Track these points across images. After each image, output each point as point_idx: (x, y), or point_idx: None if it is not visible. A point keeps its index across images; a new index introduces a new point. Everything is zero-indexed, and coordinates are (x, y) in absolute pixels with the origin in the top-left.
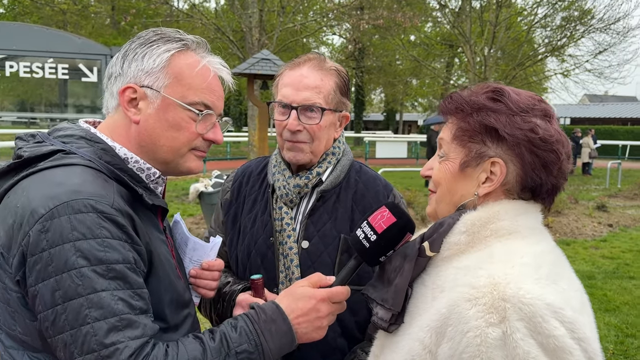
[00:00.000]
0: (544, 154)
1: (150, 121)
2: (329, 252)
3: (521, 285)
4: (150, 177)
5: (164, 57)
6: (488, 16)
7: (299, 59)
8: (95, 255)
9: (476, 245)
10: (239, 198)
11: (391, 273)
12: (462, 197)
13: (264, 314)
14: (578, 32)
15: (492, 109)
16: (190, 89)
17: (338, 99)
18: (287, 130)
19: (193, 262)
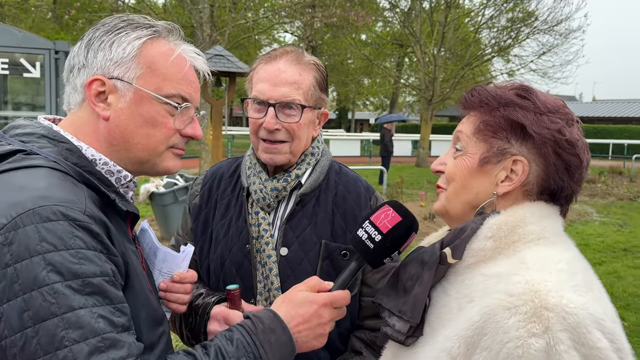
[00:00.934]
0: (568, 157)
1: (122, 117)
2: (309, 259)
3: (562, 294)
4: (120, 181)
5: (135, 45)
6: (437, 16)
7: (275, 52)
8: (70, 269)
9: (503, 251)
10: (209, 202)
11: (407, 281)
12: (478, 194)
13: (262, 323)
14: (523, 34)
15: (520, 105)
16: (166, 80)
17: (317, 95)
18: (264, 129)
19: (163, 274)
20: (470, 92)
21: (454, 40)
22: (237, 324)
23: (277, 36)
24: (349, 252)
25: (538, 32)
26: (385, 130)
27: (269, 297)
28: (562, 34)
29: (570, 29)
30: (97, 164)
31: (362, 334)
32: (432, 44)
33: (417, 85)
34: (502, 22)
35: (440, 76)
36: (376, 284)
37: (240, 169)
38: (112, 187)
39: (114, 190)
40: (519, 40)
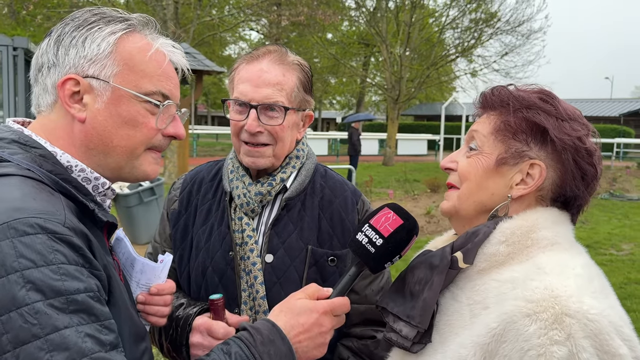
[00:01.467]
0: (586, 166)
1: (100, 118)
2: (295, 266)
3: (583, 299)
4: (97, 189)
5: (110, 40)
6: (403, 17)
7: (257, 51)
8: (51, 286)
9: (517, 257)
10: (189, 208)
11: (414, 285)
12: (492, 196)
13: (260, 334)
14: (486, 34)
15: (542, 108)
16: (145, 77)
17: (301, 97)
18: (246, 132)
19: (141, 286)
20: (490, 91)
21: (419, 40)
22: (234, 336)
23: (243, 34)
24: (336, 258)
25: (501, 32)
26: (353, 129)
27: (253, 306)
28: (524, 35)
29: (531, 29)
30: (73, 171)
31: (350, 342)
32: (398, 44)
33: (384, 85)
34: (465, 23)
35: (406, 76)
36: (364, 290)
37: (221, 173)
38: (89, 196)
39: (91, 199)
40: (482, 41)
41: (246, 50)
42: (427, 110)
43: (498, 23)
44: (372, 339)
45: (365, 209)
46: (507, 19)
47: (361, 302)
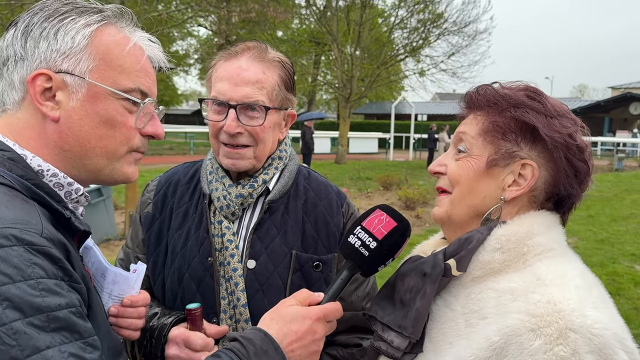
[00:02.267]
0: (578, 163)
1: (75, 117)
2: (279, 271)
3: (586, 312)
4: (70, 195)
5: (85, 33)
6: (353, 16)
7: (236, 48)
8: (30, 303)
9: (513, 264)
10: (163, 211)
11: (405, 293)
12: (485, 199)
13: (252, 345)
14: (433, 35)
15: (531, 107)
16: (123, 73)
17: (283, 96)
18: (225, 133)
19: (113, 297)
20: (475, 92)
21: (369, 39)
22: (225, 347)
23: (191, 30)
24: (321, 263)
25: (448, 33)
26: (305, 127)
27: (234, 314)
28: (470, 36)
29: (477, 30)
30: (45, 176)
31: (335, 351)
32: (349, 43)
33: (335, 83)
34: (413, 23)
35: (357, 75)
36: (349, 296)
37: (198, 174)
38: (62, 203)
39: (64, 206)
40: (429, 41)
41: (195, 47)
42: (377, 109)
43: (445, 24)
44: (358, 347)
45: (350, 211)
46: (454, 20)
47: (347, 308)
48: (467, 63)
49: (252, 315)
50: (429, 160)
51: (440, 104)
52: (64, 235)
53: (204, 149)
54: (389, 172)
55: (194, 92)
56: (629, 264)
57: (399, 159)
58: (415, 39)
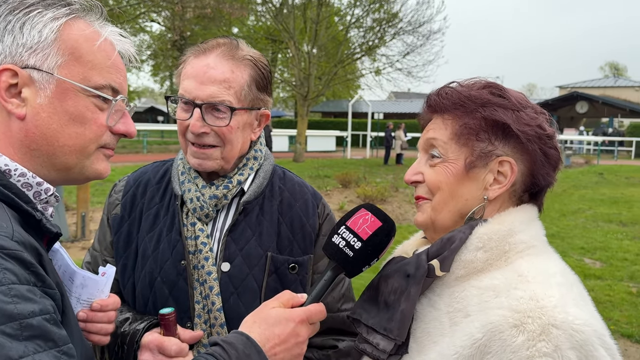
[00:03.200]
0: (550, 151)
1: (43, 114)
2: (254, 274)
3: (568, 309)
4: (40, 195)
5: (53, 27)
6: (310, 14)
7: (206, 44)
8: (2, 310)
9: (495, 263)
10: (132, 213)
11: (389, 295)
12: (467, 202)
13: (234, 349)
14: (389, 34)
15: (497, 104)
16: (94, 69)
17: (254, 95)
18: (190, 132)
19: (82, 302)
20: (438, 95)
21: (326, 38)
22: (206, 352)
23: (144, 25)
24: (297, 265)
25: (403, 33)
26: None
27: (208, 319)
28: (424, 35)
29: (431, 30)
30: (12, 176)
31: (310, 353)
32: (306, 41)
33: (292, 81)
34: (368, 22)
35: (314, 73)
36: (325, 297)
37: (169, 175)
38: (30, 204)
39: (33, 207)
40: (384, 40)
41: (147, 43)
42: (334, 107)
43: (400, 23)
44: (334, 349)
45: (326, 212)
46: (409, 20)
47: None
48: (422, 62)
49: (227, 319)
50: (385, 158)
51: (396, 103)
52: (34, 237)
53: (157, 147)
54: (347, 170)
55: (146, 89)
56: (579, 257)
57: (356, 156)
58: (371, 38)
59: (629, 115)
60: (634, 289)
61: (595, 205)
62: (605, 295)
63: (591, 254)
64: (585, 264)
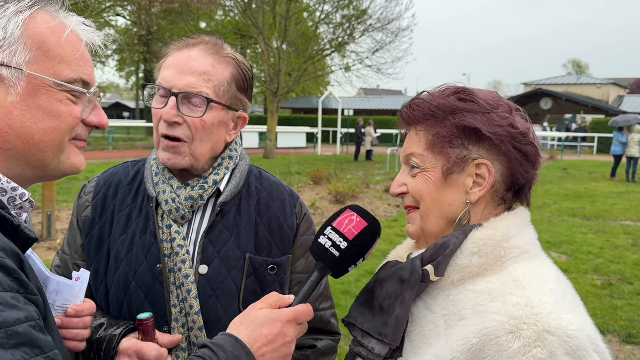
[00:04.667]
0: (526, 148)
1: (16, 113)
2: (233, 276)
3: (562, 316)
4: (14, 201)
5: (17, 21)
6: (280, 9)
7: (191, 40)
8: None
9: (490, 268)
10: (104, 215)
11: (384, 300)
12: (451, 207)
13: (223, 351)
14: (358, 31)
15: (466, 109)
16: (63, 63)
17: (233, 94)
18: (163, 122)
19: (56, 308)
20: (409, 107)
21: (296, 34)
22: (195, 354)
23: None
24: (276, 266)
25: (372, 29)
26: None
27: (186, 322)
28: (394, 33)
29: (400, 27)
30: None
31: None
32: (276, 37)
33: (262, 78)
34: (338, 19)
35: (284, 69)
36: None
37: (141, 175)
38: (5, 210)
39: (9, 213)
40: (354, 37)
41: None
42: (304, 103)
43: (369, 20)
44: (313, 349)
45: (303, 212)
46: (378, 17)
47: None
48: (391, 59)
49: (206, 322)
50: (356, 155)
51: (366, 99)
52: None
53: (123, 144)
54: (318, 166)
55: (111, 85)
56: (545, 251)
57: (326, 153)
58: (341, 34)
59: (591, 111)
60: (599, 281)
61: (560, 200)
62: None
63: (557, 248)
64: (551, 258)
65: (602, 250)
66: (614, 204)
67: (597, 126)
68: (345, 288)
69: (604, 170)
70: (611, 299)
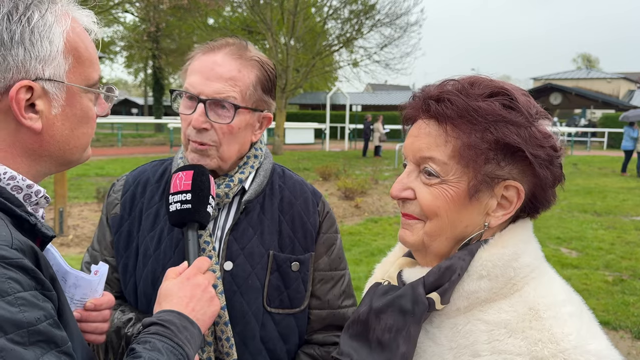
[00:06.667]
0: (556, 171)
1: (58, 124)
2: (257, 273)
3: (587, 348)
4: (30, 198)
5: (58, 32)
6: (288, 5)
7: (215, 43)
8: (10, 320)
9: (500, 291)
10: (132, 212)
11: (383, 333)
12: (467, 228)
13: (174, 325)
14: (366, 26)
15: (510, 121)
16: (91, 66)
17: (258, 97)
18: (192, 128)
19: (75, 302)
20: (438, 101)
21: (304, 29)
22: (146, 333)
23: (117, 16)
24: (299, 263)
25: (381, 25)
26: None
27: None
28: (402, 28)
29: (409, 22)
30: (1, 180)
31: (312, 350)
32: (283, 33)
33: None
34: (346, 14)
35: (292, 65)
36: (325, 295)
37: (167, 174)
38: (22, 207)
39: (25, 211)
40: (362, 32)
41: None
42: (311, 99)
43: (377, 15)
44: (336, 345)
45: (326, 210)
46: (386, 12)
47: (323, 307)
48: (399, 55)
49: (231, 317)
50: (364, 150)
51: (374, 95)
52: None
53: (132, 140)
54: (326, 162)
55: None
56: (555, 246)
57: (334, 149)
58: (349, 30)
59: (601, 106)
60: (610, 277)
61: (570, 196)
62: (582, 284)
63: (567, 244)
64: (561, 254)
65: (613, 246)
66: (624, 200)
67: (607, 121)
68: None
69: (614, 166)
70: (623, 295)
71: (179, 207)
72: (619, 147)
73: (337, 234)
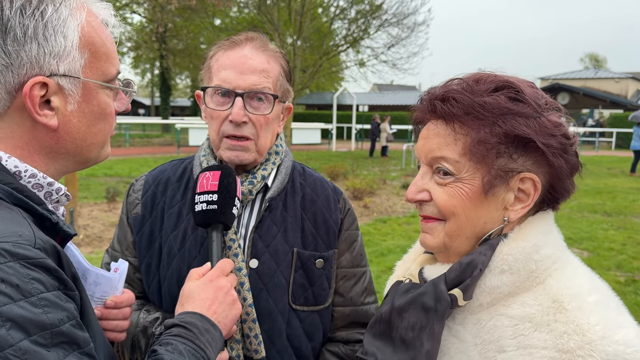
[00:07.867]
0: (572, 159)
1: (74, 121)
2: (282, 270)
3: (616, 338)
4: (51, 196)
5: (73, 26)
6: (295, 5)
7: (237, 38)
8: (35, 321)
9: (523, 284)
10: (154, 212)
11: (406, 332)
12: (486, 225)
13: (196, 327)
14: (373, 26)
15: (518, 113)
16: (108, 61)
17: (285, 87)
18: (230, 123)
19: (95, 300)
20: (443, 100)
21: (311, 29)
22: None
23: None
24: (323, 260)
25: (388, 24)
26: None
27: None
28: (409, 27)
29: (416, 22)
30: (22, 177)
31: (336, 348)
32: (290, 33)
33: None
34: (352, 14)
35: (299, 65)
36: (348, 292)
37: (188, 173)
38: (42, 205)
39: (46, 209)
40: (369, 32)
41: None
42: (318, 99)
43: (384, 15)
44: (359, 343)
45: (347, 207)
46: (393, 12)
47: (346, 304)
48: (407, 55)
49: (258, 314)
50: (371, 151)
51: (380, 95)
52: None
53: (139, 140)
54: (333, 162)
55: None
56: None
57: (341, 149)
58: (356, 30)
59: (609, 106)
60: (622, 278)
61: (580, 196)
62: None
63: (578, 244)
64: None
65: (624, 247)
66: (634, 200)
67: (615, 121)
68: None
69: (623, 166)
70: (635, 296)
71: (205, 208)
72: (627, 147)
73: (358, 230)
